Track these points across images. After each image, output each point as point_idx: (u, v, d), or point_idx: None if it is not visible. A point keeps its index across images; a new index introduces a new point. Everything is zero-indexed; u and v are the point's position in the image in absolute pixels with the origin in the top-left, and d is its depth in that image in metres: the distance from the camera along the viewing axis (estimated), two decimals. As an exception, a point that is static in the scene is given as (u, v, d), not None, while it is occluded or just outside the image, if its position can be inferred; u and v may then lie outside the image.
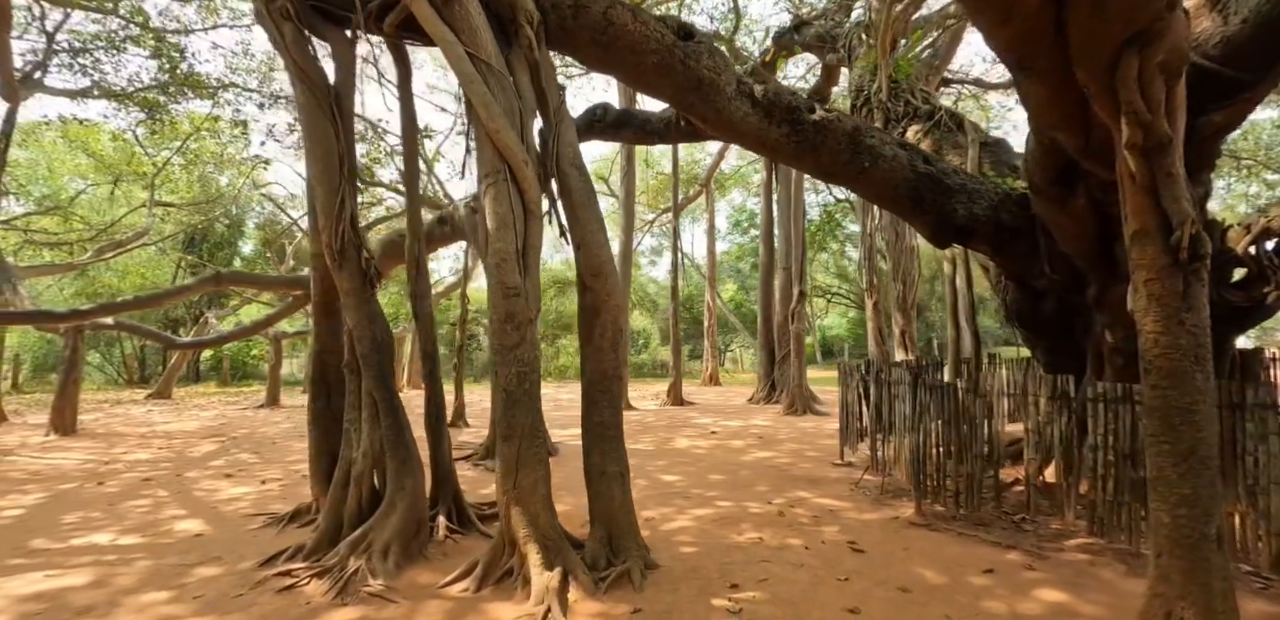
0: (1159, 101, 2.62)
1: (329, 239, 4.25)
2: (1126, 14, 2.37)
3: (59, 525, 4.87)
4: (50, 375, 18.97)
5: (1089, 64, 2.53)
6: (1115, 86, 2.57)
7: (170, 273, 18.55)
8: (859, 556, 4.06)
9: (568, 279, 23.30)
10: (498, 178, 3.91)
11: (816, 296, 26.93)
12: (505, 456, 3.71)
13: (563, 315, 25.15)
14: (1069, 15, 2.42)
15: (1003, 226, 4.99)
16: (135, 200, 15.23)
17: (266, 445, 8.61)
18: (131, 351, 21.03)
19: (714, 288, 15.02)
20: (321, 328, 5.08)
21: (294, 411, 13.17)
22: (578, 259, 4.18)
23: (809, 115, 4.99)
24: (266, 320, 9.96)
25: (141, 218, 14.23)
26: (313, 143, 4.33)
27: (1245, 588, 3.45)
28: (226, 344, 11.78)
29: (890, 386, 5.36)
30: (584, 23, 4.48)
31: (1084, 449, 4.14)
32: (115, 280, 17.37)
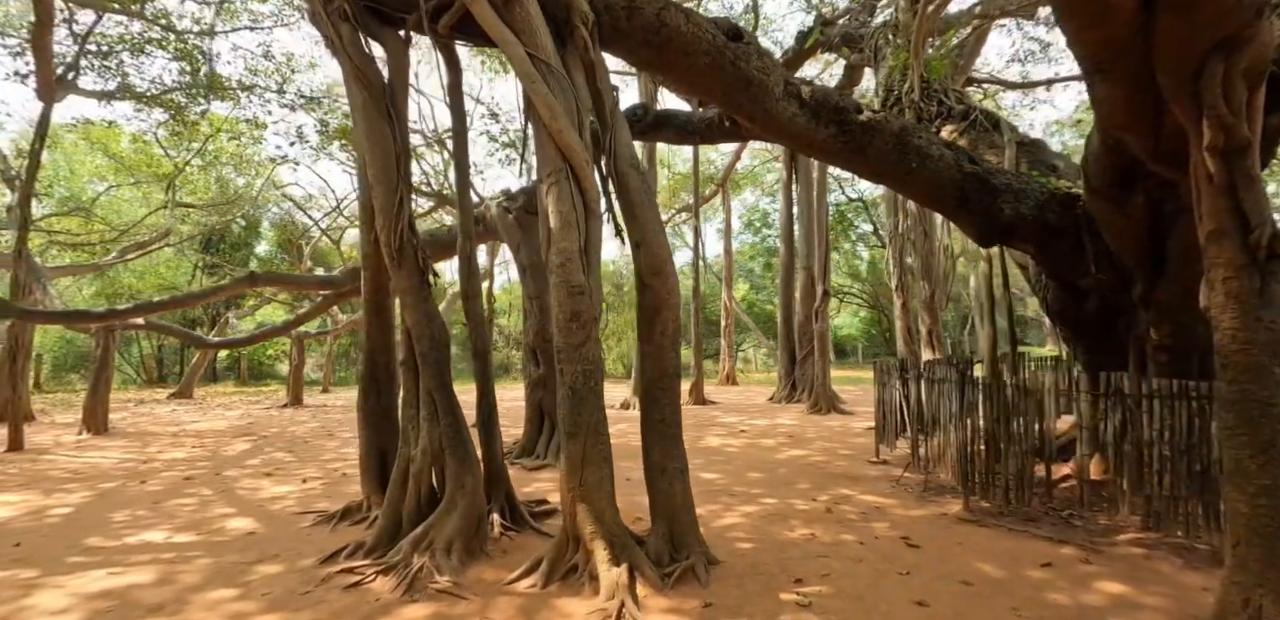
0: (1241, 105, 2.66)
1: (388, 238, 4.28)
2: (1216, 21, 2.40)
3: (110, 523, 4.90)
4: (70, 375, 19.07)
5: (1173, 69, 2.57)
6: (1199, 91, 2.61)
7: (188, 273, 18.62)
8: (915, 551, 4.09)
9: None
10: (560, 177, 3.95)
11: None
12: (570, 454, 3.74)
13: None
14: (1158, 22, 2.46)
15: (1048, 226, 5.02)
16: (154, 201, 15.30)
17: (299, 444, 8.67)
18: (150, 351, 21.12)
19: (730, 288, 15.09)
20: (372, 326, 5.13)
21: (318, 411, 13.33)
22: (637, 258, 4.22)
23: (856, 116, 5.03)
24: (296, 320, 10.01)
25: (161, 219, 14.30)
26: (370, 143, 4.38)
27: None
28: (256, 344, 11.82)
29: (935, 384, 5.40)
30: (637, 24, 4.53)
31: (1140, 445, 4.17)
32: (134, 280, 17.45)
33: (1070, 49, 2.79)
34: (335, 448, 8.30)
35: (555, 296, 3.84)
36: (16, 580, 3.66)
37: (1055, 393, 4.54)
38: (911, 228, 8.10)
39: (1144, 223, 4.10)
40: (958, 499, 5.21)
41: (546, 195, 3.97)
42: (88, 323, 8.36)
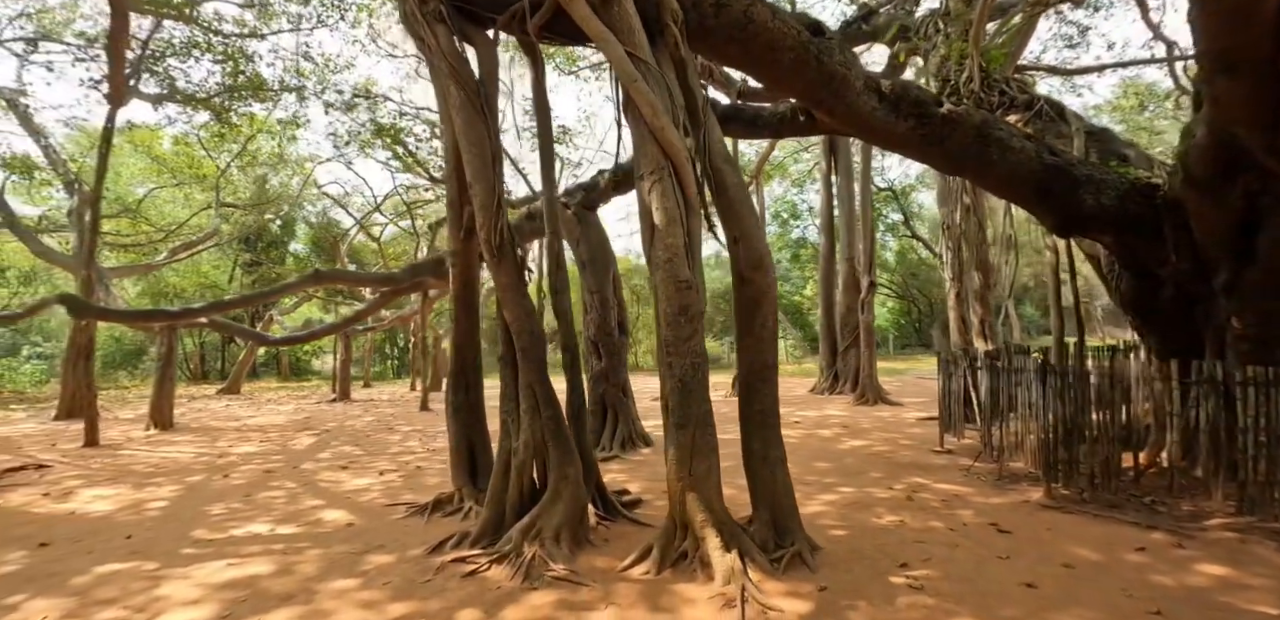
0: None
1: (488, 236, 4.39)
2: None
3: (209, 516, 5.05)
4: (117, 373, 19.47)
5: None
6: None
7: (227, 272, 18.94)
8: (1007, 537, 4.17)
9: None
10: (662, 175, 4.03)
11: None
12: (680, 444, 3.84)
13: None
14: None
15: (1128, 216, 5.04)
16: (194, 202, 15.57)
17: (361, 438, 8.87)
18: (194, 348, 21.60)
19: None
20: (461, 323, 5.26)
21: (367, 405, 13.59)
22: (735, 253, 4.30)
23: (936, 109, 5.07)
24: (355, 315, 10.20)
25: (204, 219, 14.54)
26: (468, 142, 4.47)
27: None
28: (315, 340, 12.05)
29: (1011, 374, 5.46)
30: (724, 21, 4.59)
31: (1233, 432, 4.22)
32: (178, 280, 17.78)
33: (1199, 47, 2.83)
34: (398, 441, 8.49)
35: (663, 292, 3.93)
36: (141, 572, 3.78)
37: (1142, 381, 4.59)
38: (964, 218, 8.11)
39: (1238, 214, 4.13)
40: (1035, 486, 5.28)
41: (650, 192, 4.05)
42: (163, 322, 8.60)
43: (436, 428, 9.69)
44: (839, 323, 12.85)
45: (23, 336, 19.70)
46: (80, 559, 4.03)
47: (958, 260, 8.14)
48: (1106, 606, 3.14)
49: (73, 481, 6.49)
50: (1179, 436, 4.46)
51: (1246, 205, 4.09)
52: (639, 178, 4.19)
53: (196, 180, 13.90)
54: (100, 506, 5.46)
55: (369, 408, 12.85)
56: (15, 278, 17.52)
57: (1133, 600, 3.19)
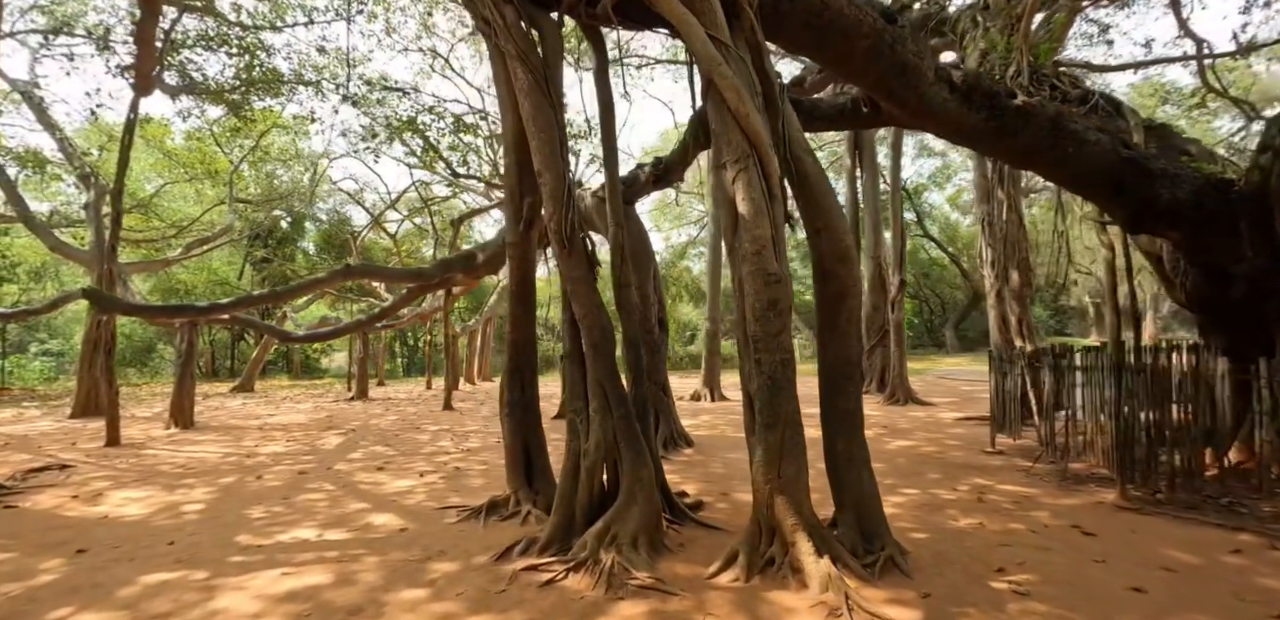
0: None
1: (558, 226, 4.22)
2: None
3: (250, 521, 4.80)
4: (126, 370, 19.13)
5: None
6: None
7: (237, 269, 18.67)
8: (1094, 540, 4.04)
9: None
10: (747, 163, 3.86)
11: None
12: (769, 445, 3.68)
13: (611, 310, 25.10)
14: None
15: (1203, 211, 4.92)
16: (206, 198, 15.31)
17: (390, 438, 8.67)
18: (205, 346, 21.30)
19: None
20: (517, 318, 5.07)
21: (389, 404, 13.42)
22: (816, 245, 4.15)
23: (1010, 101, 4.93)
24: (382, 312, 9.97)
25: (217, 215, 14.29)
26: (536, 128, 4.30)
27: None
28: (340, 337, 11.82)
29: (1080, 373, 5.33)
30: (800, 5, 4.43)
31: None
32: (188, 276, 17.51)
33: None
34: (429, 441, 8.30)
35: (750, 285, 3.77)
36: (191, 582, 3.55)
37: (1228, 379, 4.46)
38: (1004, 216, 8.00)
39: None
40: (1103, 487, 5.16)
41: (734, 181, 3.88)
42: (192, 317, 8.37)
43: (465, 427, 9.50)
44: (864, 322, 12.73)
45: (30, 333, 19.32)
46: (123, 567, 3.81)
47: (999, 258, 8.02)
48: (1223, 611, 3.01)
49: (100, 482, 6.27)
50: (1272, 436, 4.32)
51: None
52: (719, 167, 4.03)
53: (209, 176, 13.65)
54: (133, 509, 5.23)
55: (389, 406, 12.66)
56: (26, 273, 17.20)
57: (1247, 605, 3.08)
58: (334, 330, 10.80)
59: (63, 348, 19.68)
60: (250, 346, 20.84)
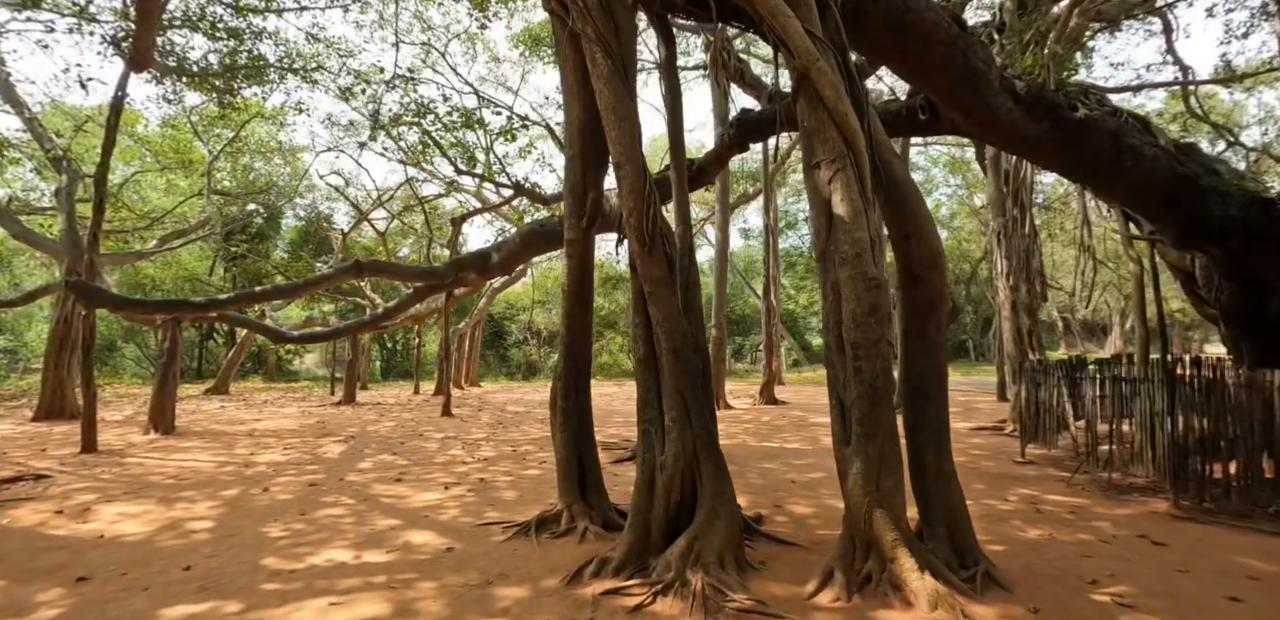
0: None
1: (639, 222, 3.99)
2: None
3: (272, 540, 4.30)
4: (101, 368, 17.75)
5: None
6: None
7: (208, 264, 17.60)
8: (1166, 550, 4.03)
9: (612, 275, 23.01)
10: (844, 164, 3.73)
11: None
12: (868, 457, 3.52)
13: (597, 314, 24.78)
14: None
15: (1251, 227, 5.05)
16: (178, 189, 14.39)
17: (395, 445, 8.20)
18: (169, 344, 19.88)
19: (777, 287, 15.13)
20: (573, 321, 4.81)
21: (380, 410, 12.85)
22: (905, 251, 4.04)
23: (1071, 113, 4.97)
24: (384, 314, 9.42)
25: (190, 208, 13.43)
26: (617, 117, 4.07)
27: None
28: (341, 338, 11.13)
29: (1127, 384, 5.38)
30: (883, 5, 4.37)
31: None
32: (156, 271, 16.38)
33: None
34: (438, 450, 7.87)
35: (850, 290, 3.62)
36: (225, 616, 3.09)
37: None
38: (1017, 229, 8.16)
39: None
40: (1147, 497, 5.21)
41: (830, 182, 3.74)
42: (193, 312, 7.72)
43: (471, 435, 9.08)
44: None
45: (-27, 330, 17.84)
46: (138, 598, 3.29)
47: (1013, 271, 8.16)
48: None
49: (85, 495, 5.68)
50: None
51: None
52: (813, 167, 3.88)
53: (183, 166, 12.82)
54: (131, 527, 4.67)
55: (381, 412, 12.08)
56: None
57: None
58: (334, 330, 10.18)
59: (13, 344, 18.16)
60: (219, 346, 19.65)
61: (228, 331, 18.74)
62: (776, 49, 4.10)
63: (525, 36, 15.56)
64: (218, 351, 20.28)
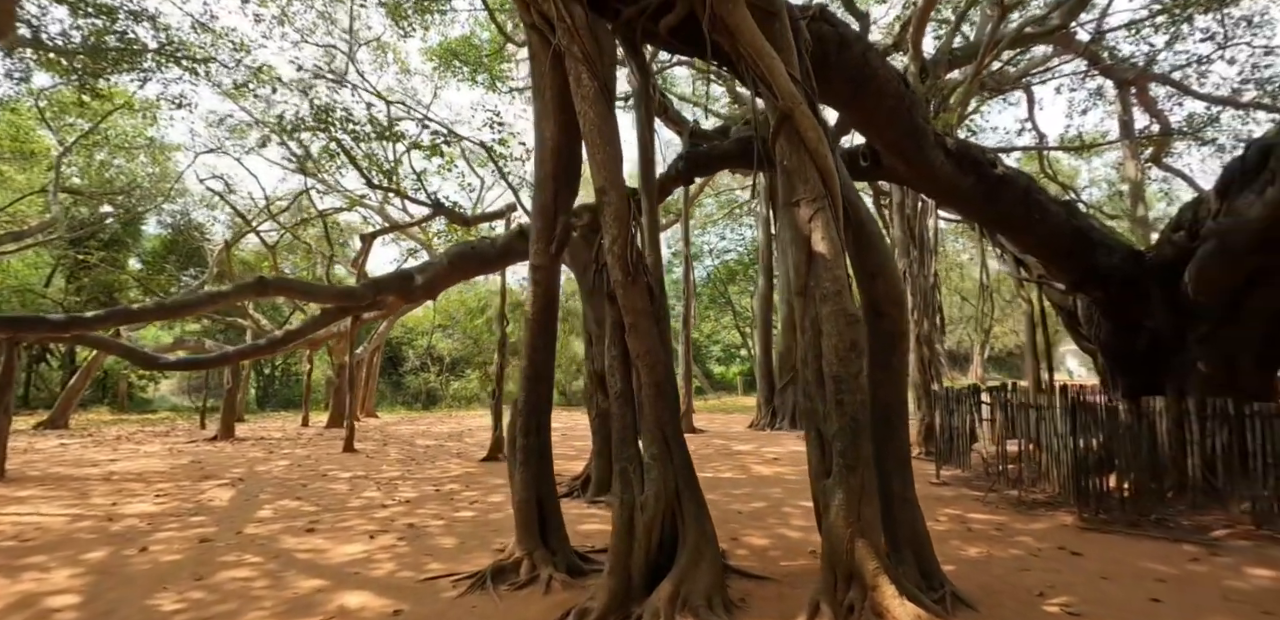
0: None
1: (622, 250, 3.89)
2: None
3: (165, 616, 3.55)
4: None
5: None
6: None
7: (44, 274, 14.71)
8: (1084, 559, 4.45)
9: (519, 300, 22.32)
10: (824, 204, 3.90)
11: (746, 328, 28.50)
12: (850, 488, 3.59)
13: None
14: None
15: (1127, 275, 5.90)
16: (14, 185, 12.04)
17: (296, 488, 7.24)
18: None
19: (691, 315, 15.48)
20: (536, 351, 4.56)
21: (267, 446, 11.32)
22: (870, 288, 4.26)
23: (993, 169, 5.58)
24: (285, 337, 8.24)
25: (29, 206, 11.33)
26: (602, 140, 3.99)
27: None
28: (228, 364, 9.44)
29: (1034, 410, 5.99)
30: (845, 59, 4.69)
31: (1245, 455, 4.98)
32: (-24, 281, 13.42)
33: None
34: (350, 492, 7.04)
35: (831, 326, 3.72)
36: None
37: (1164, 415, 5.29)
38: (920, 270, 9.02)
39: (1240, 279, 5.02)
40: (1056, 511, 5.74)
41: (811, 221, 3.87)
42: (45, 333, 6.29)
43: (383, 473, 8.23)
44: (778, 361, 13.43)
45: None
46: None
47: (917, 307, 8.95)
48: (1229, 612, 3.47)
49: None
50: (1199, 461, 5.15)
51: (1247, 277, 4.99)
52: (792, 205, 4.00)
53: (22, 157, 10.81)
54: (-40, 614, 3.70)
55: (269, 448, 10.61)
56: None
57: (1236, 605, 3.56)
58: (222, 355, 8.78)
59: None
60: (53, 370, 16.31)
61: (65, 353, 15.68)
62: (755, 89, 4.24)
63: (441, 51, 15.11)
64: (51, 376, 16.93)
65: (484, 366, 23.48)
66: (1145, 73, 10.11)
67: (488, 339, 23.53)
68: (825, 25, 4.65)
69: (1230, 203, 4.55)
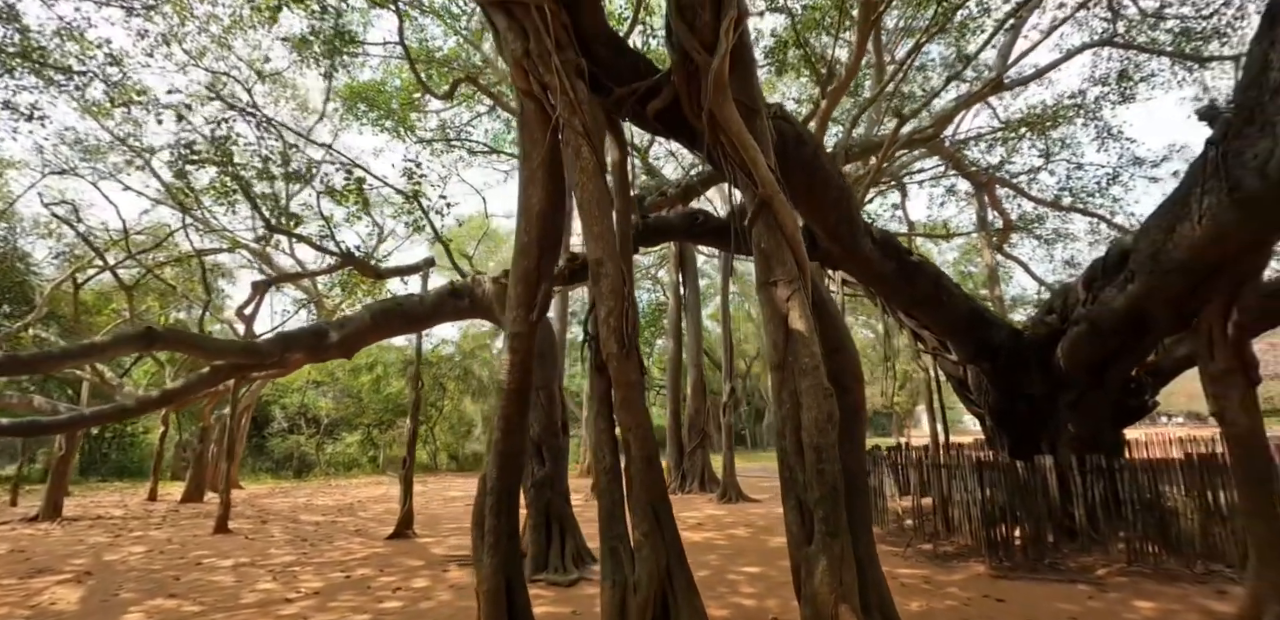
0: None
1: (619, 323, 3.95)
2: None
3: None
4: None
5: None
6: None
7: None
8: (1008, 605, 4.93)
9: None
10: (799, 285, 4.27)
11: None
12: (833, 554, 3.76)
13: (392, 400, 21.73)
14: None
15: (1010, 350, 6.91)
16: None
17: (168, 582, 6.02)
18: None
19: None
20: (512, 424, 4.37)
21: (111, 527, 9.30)
22: (833, 363, 4.60)
23: (909, 256, 6.41)
24: (162, 397, 6.78)
25: None
26: (599, 212, 4.11)
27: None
28: (82, 428, 7.47)
29: (943, 469, 6.64)
30: (801, 154, 5.29)
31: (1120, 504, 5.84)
32: None
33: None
34: (239, 584, 5.98)
35: (810, 399, 3.97)
36: None
37: (1054, 472, 6.09)
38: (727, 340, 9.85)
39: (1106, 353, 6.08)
40: (967, 561, 6.22)
41: (789, 301, 4.19)
42: None
43: (273, 559, 7.08)
44: (686, 424, 13.64)
45: None
46: None
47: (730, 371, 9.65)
48: None
49: None
50: (1083, 509, 5.95)
51: (1108, 354, 6.06)
52: (769, 284, 4.31)
53: None
54: None
55: (115, 530, 8.67)
56: None
57: None
58: (73, 419, 7.00)
59: None
60: None
61: None
62: (733, 177, 4.62)
63: (347, 92, 14.70)
64: None
65: (368, 428, 21.41)
66: (993, 177, 12.29)
67: (372, 399, 21.66)
68: (785, 123, 5.24)
69: (1096, 294, 5.61)
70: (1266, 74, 3.18)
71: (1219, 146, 3.60)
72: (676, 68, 4.47)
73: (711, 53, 4.24)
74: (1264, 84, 3.22)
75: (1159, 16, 10.24)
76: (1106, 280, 5.48)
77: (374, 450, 21.43)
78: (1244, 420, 4.41)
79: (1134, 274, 4.86)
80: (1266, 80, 3.18)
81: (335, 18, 10.23)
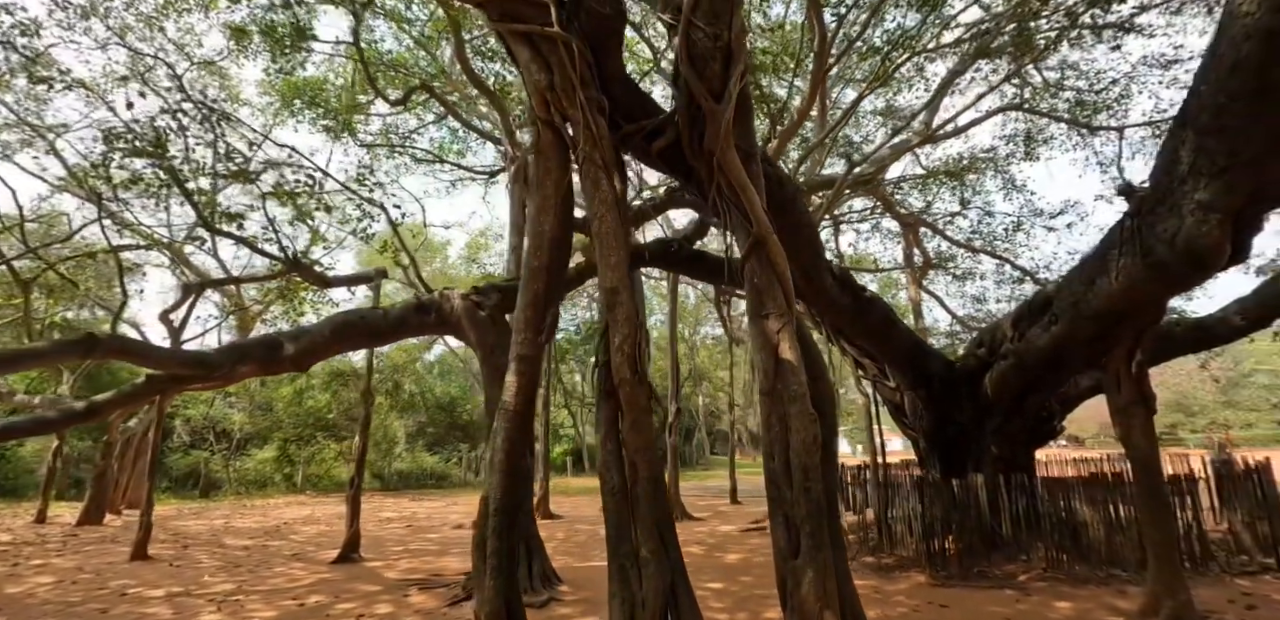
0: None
1: (633, 350, 4.19)
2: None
3: None
4: None
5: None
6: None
7: None
8: (953, 611, 5.48)
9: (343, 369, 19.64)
10: (789, 318, 4.69)
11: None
12: (819, 565, 4.08)
13: (314, 414, 20.29)
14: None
15: (944, 379, 7.70)
16: None
17: (95, 618, 5.47)
18: None
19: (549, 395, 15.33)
20: (514, 446, 4.44)
21: (9, 555, 8.14)
22: (814, 390, 5.02)
23: (864, 292, 7.06)
24: (88, 410, 5.99)
25: None
26: (617, 243, 4.35)
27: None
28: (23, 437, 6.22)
29: (887, 488, 7.25)
30: (782, 195, 5.80)
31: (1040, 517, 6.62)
32: None
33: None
34: (180, 615, 5.54)
35: (797, 423, 4.34)
36: None
37: (986, 489, 6.82)
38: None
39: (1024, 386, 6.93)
40: (908, 572, 6.81)
41: (779, 332, 4.60)
42: None
43: (211, 587, 6.55)
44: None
45: None
46: None
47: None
48: None
49: None
50: (1008, 523, 6.69)
51: (1029, 385, 6.91)
52: (761, 317, 4.70)
53: None
54: None
55: (6, 558, 7.56)
56: None
57: None
58: (6, 428, 6.11)
59: None
60: None
61: None
62: (727, 216, 5.00)
63: (286, 87, 14.08)
64: None
65: (284, 444, 19.90)
66: (919, 219, 13.60)
67: (289, 412, 20.23)
68: (769, 166, 5.73)
69: (1022, 332, 6.44)
70: (1175, 167, 3.93)
71: (1135, 219, 4.35)
72: (681, 111, 4.81)
73: (719, 101, 4.60)
74: (1174, 172, 3.97)
75: (1059, 86, 11.83)
76: (1031, 321, 6.30)
77: (290, 467, 19.96)
78: (1144, 444, 5.24)
79: (1057, 318, 5.65)
80: (1176, 171, 3.93)
81: (285, 9, 9.87)
